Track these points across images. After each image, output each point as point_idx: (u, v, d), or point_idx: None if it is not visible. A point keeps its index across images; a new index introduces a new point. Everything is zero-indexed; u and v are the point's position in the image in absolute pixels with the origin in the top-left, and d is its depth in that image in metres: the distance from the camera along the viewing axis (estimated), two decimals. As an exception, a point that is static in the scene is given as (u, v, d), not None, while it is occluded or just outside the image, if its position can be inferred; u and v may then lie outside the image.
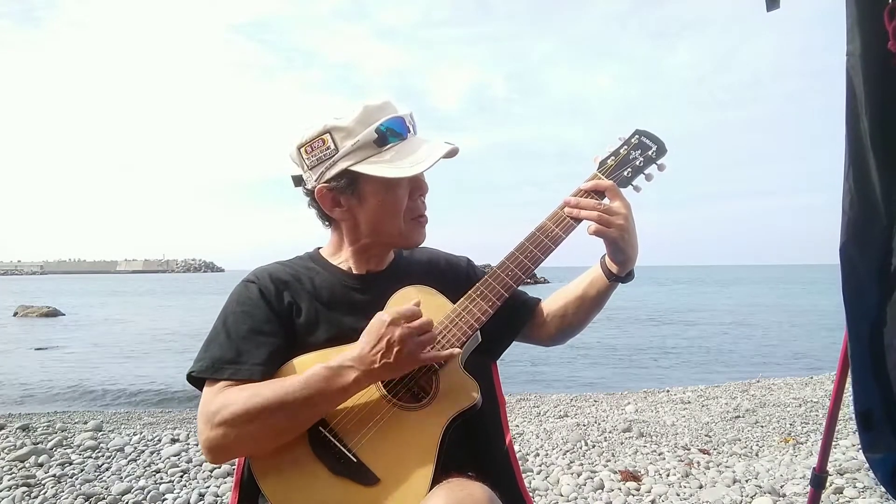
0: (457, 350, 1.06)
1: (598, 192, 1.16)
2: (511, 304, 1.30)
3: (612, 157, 1.21)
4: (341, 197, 1.17)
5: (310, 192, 1.20)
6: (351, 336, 1.11)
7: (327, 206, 1.18)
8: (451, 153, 1.16)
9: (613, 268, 1.19)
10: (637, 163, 1.19)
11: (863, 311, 1.40)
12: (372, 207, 1.16)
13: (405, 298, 1.16)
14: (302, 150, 1.16)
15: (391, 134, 1.13)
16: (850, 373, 1.47)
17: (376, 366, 0.99)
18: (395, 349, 0.98)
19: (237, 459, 1.17)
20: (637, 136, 1.22)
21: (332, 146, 1.13)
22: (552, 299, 1.32)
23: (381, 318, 1.01)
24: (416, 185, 1.19)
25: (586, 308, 1.25)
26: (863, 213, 1.36)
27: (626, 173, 1.19)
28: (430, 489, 0.97)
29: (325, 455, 1.01)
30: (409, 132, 1.17)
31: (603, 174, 1.19)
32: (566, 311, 1.28)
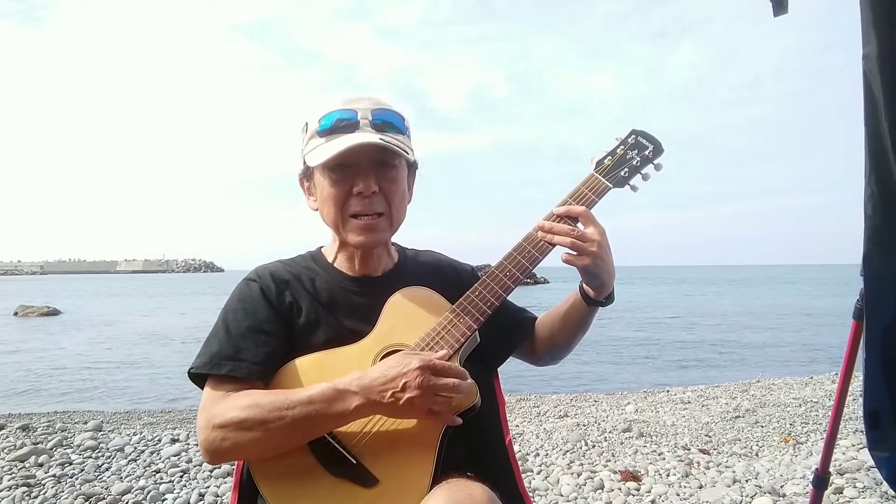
0: (458, 420, 1.02)
1: (572, 217, 1.13)
2: (512, 320, 1.31)
3: (609, 157, 1.20)
4: (309, 186, 1.22)
5: None
6: (349, 338, 1.12)
7: (305, 195, 1.24)
8: (377, 146, 1.09)
9: (591, 292, 1.16)
10: (634, 162, 1.19)
11: (880, 313, 1.39)
12: (319, 197, 1.18)
13: (402, 300, 1.16)
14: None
15: (335, 126, 1.12)
16: (863, 373, 1.47)
17: (382, 401, 0.96)
18: (408, 395, 0.95)
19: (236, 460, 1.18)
20: (634, 136, 1.22)
21: (304, 138, 1.18)
22: (541, 321, 1.31)
23: (408, 357, 0.98)
24: (355, 180, 1.12)
25: (570, 331, 1.25)
26: (886, 216, 1.34)
27: (623, 173, 1.18)
28: (430, 489, 0.97)
29: (324, 457, 1.01)
30: (362, 125, 1.12)
31: (600, 174, 1.19)
32: (552, 332, 1.28)
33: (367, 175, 1.12)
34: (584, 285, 1.17)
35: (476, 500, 0.90)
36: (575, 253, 1.09)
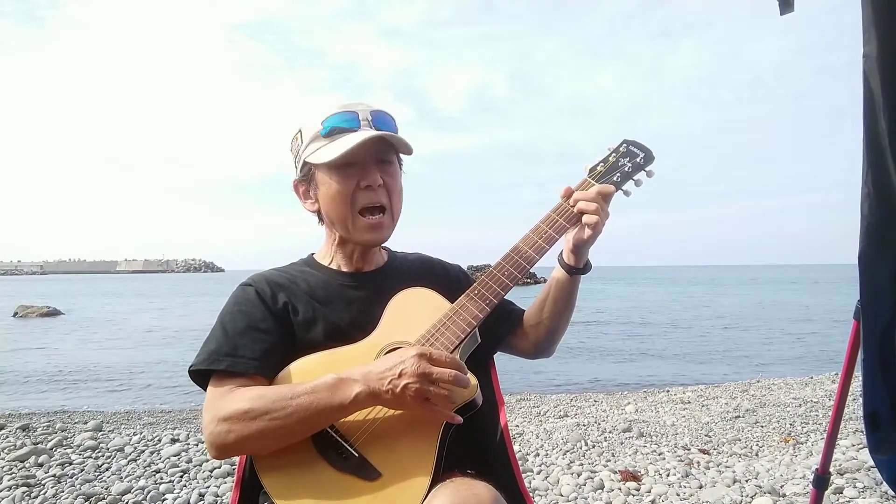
0: (458, 418, 1.04)
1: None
2: (500, 311, 1.31)
3: (602, 164, 1.25)
4: (309, 188, 1.23)
5: None
6: (348, 331, 1.15)
7: (301, 199, 1.25)
8: (388, 140, 1.16)
9: (572, 261, 1.22)
10: (625, 169, 1.23)
11: (877, 314, 1.39)
12: (324, 196, 1.20)
13: (404, 300, 1.19)
14: (290, 149, 1.26)
15: (338, 127, 1.16)
16: (861, 374, 1.46)
17: (381, 388, 0.98)
18: (405, 382, 0.97)
19: (238, 458, 1.18)
20: (625, 145, 1.26)
21: (300, 142, 1.21)
22: (528, 313, 1.33)
23: (408, 349, 1.01)
24: (361, 175, 1.17)
25: (559, 309, 1.27)
26: (882, 216, 1.34)
27: (615, 178, 1.22)
28: (431, 483, 0.98)
29: (327, 451, 1.02)
30: (363, 126, 1.17)
31: (593, 179, 1.23)
32: (540, 318, 1.29)
33: (372, 169, 1.18)
34: (569, 256, 1.22)
35: (481, 500, 0.90)
36: (596, 218, 1.14)
